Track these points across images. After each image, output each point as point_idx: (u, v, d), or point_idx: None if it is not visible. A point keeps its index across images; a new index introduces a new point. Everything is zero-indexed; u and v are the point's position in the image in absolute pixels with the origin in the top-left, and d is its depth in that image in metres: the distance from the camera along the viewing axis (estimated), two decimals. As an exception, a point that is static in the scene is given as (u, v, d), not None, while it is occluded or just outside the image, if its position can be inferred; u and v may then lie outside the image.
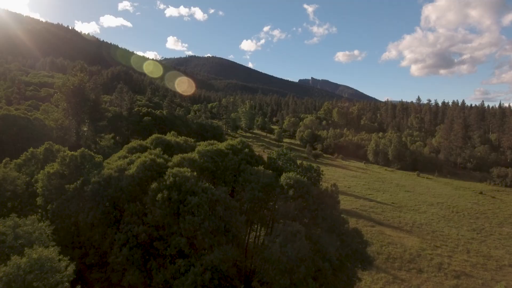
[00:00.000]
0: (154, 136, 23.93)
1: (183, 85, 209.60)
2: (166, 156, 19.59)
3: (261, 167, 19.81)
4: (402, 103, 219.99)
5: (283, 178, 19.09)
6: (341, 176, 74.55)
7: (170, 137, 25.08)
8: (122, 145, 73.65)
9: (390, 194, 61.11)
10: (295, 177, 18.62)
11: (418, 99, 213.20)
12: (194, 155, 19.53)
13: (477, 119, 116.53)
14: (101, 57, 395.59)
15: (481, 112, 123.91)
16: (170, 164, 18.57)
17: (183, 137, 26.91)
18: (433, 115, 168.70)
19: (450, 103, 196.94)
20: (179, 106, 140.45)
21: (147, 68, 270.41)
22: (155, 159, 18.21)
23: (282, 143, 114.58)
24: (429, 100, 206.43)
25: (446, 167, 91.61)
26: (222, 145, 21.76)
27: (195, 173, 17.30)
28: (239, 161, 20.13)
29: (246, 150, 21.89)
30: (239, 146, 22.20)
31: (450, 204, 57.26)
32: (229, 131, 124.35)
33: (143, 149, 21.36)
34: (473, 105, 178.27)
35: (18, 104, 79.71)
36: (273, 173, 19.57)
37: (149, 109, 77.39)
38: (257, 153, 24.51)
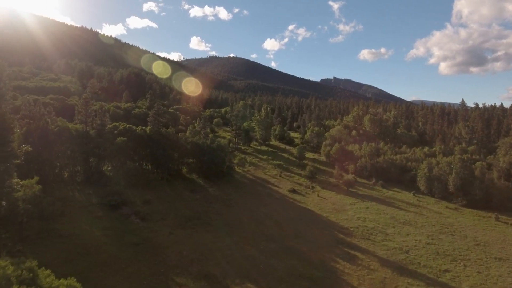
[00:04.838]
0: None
1: (190, 86, 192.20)
2: None
3: None
4: (441, 107, 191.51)
5: None
6: (389, 223, 52.43)
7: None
8: (86, 180, 55.06)
9: (478, 270, 38.63)
10: None
11: (463, 102, 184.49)
12: None
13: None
14: (119, 58, 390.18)
15: None
16: None
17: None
18: (484, 123, 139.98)
19: (497, 105, 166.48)
20: (185, 113, 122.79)
21: (156, 69, 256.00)
22: None
23: (304, 161, 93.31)
24: (477, 104, 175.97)
25: (531, 204, 66.79)
26: None
27: None
28: None
29: None
30: None
31: None
32: (240, 144, 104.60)
33: None
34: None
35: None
36: None
37: (128, 126, 58.82)
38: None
